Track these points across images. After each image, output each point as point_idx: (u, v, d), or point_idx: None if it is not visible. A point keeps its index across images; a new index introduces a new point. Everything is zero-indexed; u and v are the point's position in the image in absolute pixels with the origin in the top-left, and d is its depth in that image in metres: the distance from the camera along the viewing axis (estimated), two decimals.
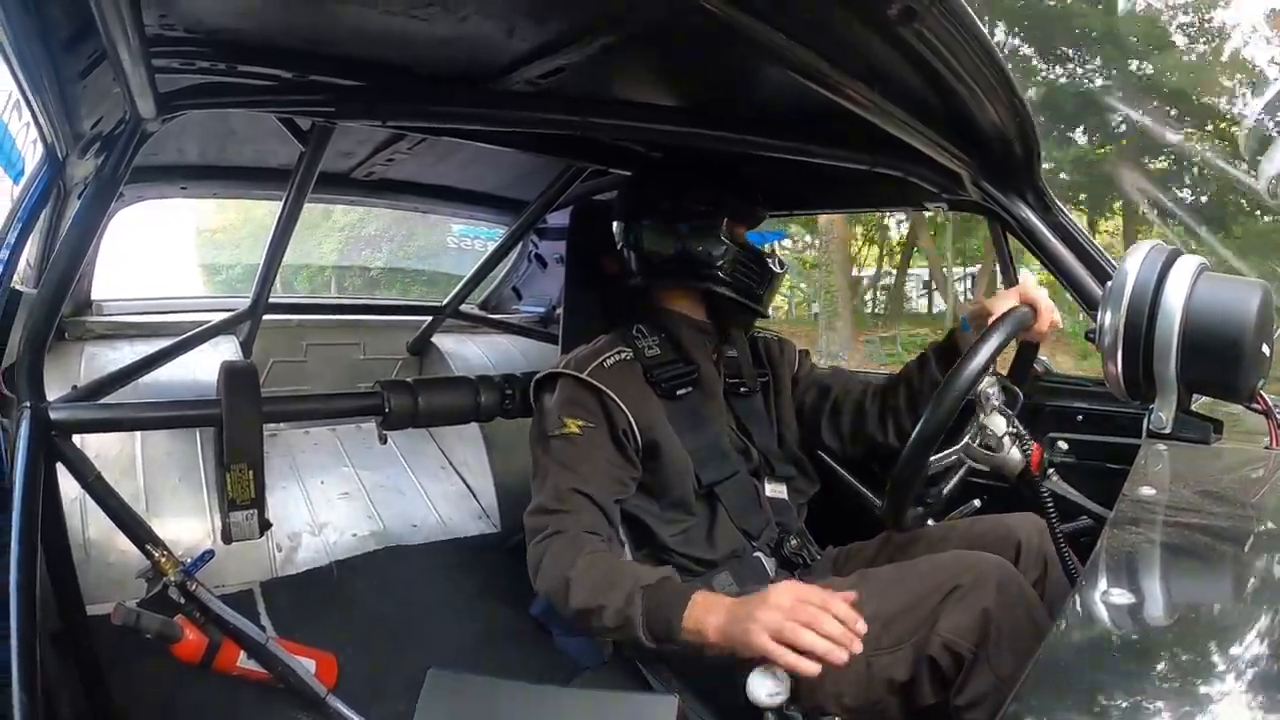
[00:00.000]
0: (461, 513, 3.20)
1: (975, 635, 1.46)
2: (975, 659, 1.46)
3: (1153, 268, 1.51)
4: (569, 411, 1.86)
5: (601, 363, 1.92)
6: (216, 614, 1.85)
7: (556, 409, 1.88)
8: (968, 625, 1.47)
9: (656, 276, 2.05)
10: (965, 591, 1.50)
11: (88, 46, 1.29)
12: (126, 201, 2.69)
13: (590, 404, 1.87)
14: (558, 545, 1.73)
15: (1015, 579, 1.52)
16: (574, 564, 1.67)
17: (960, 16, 1.24)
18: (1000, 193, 1.95)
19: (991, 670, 1.43)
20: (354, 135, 2.31)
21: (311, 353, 3.35)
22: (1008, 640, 1.44)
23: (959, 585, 1.51)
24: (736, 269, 1.98)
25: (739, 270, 1.99)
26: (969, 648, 1.46)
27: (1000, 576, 1.51)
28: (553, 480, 1.81)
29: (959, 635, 1.48)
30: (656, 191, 2.05)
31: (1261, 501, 1.32)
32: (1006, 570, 1.53)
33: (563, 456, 1.83)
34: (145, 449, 2.55)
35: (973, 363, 1.54)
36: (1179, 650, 0.84)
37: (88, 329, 2.82)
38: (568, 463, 1.82)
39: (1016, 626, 1.44)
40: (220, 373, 2.06)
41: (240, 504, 2.03)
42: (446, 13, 1.44)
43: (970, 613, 1.48)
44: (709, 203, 1.99)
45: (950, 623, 1.49)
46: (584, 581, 1.65)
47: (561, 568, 1.68)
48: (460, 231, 4.13)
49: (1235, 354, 1.45)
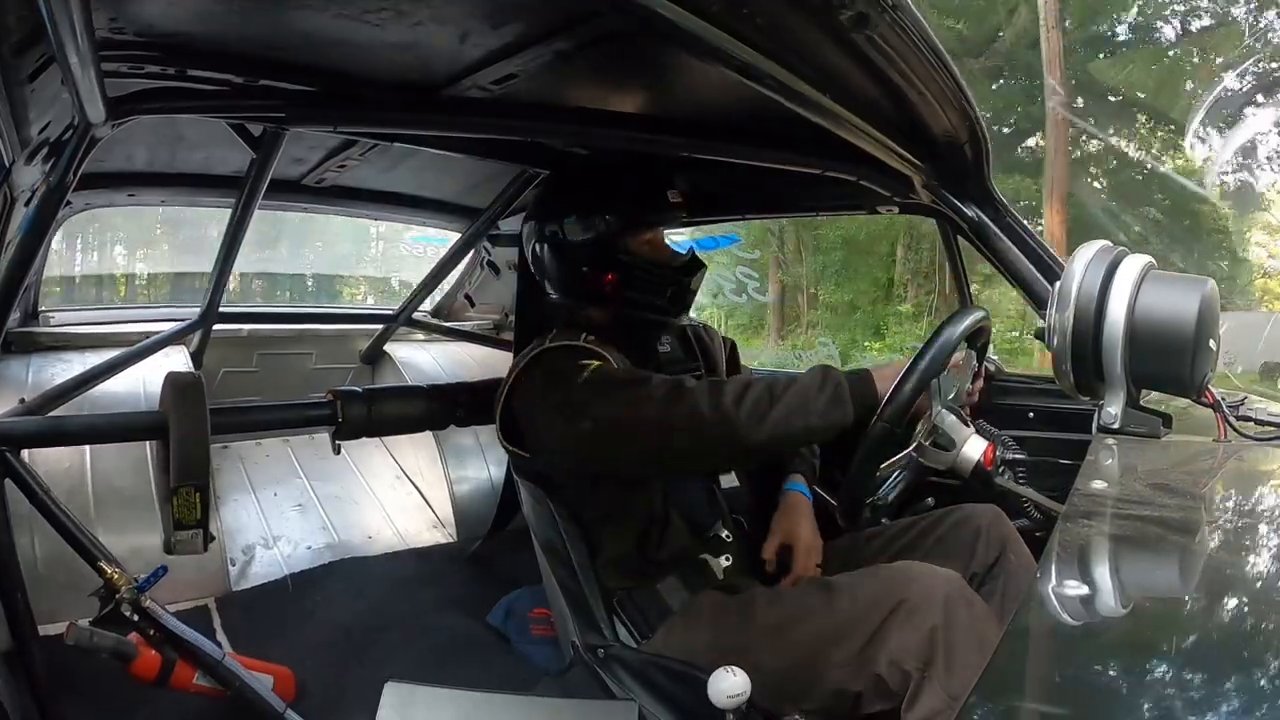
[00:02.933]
0: (417, 523, 3.18)
1: (922, 654, 1.46)
2: (923, 678, 1.46)
3: (1099, 267, 1.54)
4: (581, 357, 1.81)
5: (584, 336, 1.89)
6: (171, 631, 1.83)
7: (568, 364, 1.79)
8: (915, 644, 1.47)
9: (565, 292, 2.03)
10: (912, 609, 1.50)
11: (36, 50, 1.26)
12: (74, 209, 2.65)
13: (595, 355, 1.83)
14: (684, 399, 1.63)
15: (963, 593, 1.52)
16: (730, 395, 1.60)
17: (912, 22, 1.26)
18: (951, 195, 1.98)
19: (942, 688, 1.43)
20: (305, 141, 2.29)
21: (263, 362, 3.31)
22: (958, 657, 1.44)
23: (905, 600, 1.51)
24: (637, 284, 1.94)
25: (635, 284, 1.94)
26: (916, 666, 1.46)
27: (947, 591, 1.51)
28: (608, 396, 1.71)
29: (905, 654, 1.47)
30: (545, 209, 2.04)
31: (1211, 493, 1.35)
32: (954, 584, 1.53)
33: (602, 382, 1.74)
34: (96, 462, 2.50)
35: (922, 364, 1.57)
36: (1134, 643, 0.85)
37: (35, 340, 2.76)
38: (614, 379, 1.76)
39: (965, 643, 1.44)
40: (165, 385, 2.01)
41: (186, 524, 2.00)
42: (399, 18, 1.43)
43: (917, 631, 1.47)
44: (591, 217, 1.95)
45: (897, 640, 1.49)
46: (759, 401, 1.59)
47: (723, 401, 1.59)
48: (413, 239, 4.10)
49: (1182, 349, 1.48)
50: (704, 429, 1.61)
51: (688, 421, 1.61)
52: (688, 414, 1.61)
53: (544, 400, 1.81)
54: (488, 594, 2.63)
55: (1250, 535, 1.18)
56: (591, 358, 1.81)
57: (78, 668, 1.85)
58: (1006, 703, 0.73)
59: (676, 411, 1.61)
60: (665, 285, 1.96)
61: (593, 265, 1.95)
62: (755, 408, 1.58)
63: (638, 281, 1.94)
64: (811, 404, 1.58)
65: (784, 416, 1.58)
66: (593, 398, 1.71)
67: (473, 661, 2.30)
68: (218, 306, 2.75)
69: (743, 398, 1.59)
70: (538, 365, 1.86)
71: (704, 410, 1.59)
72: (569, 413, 1.73)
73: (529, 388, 1.86)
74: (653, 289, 1.95)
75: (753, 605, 1.71)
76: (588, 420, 1.70)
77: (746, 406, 1.58)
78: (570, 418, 1.73)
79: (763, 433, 1.58)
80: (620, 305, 1.95)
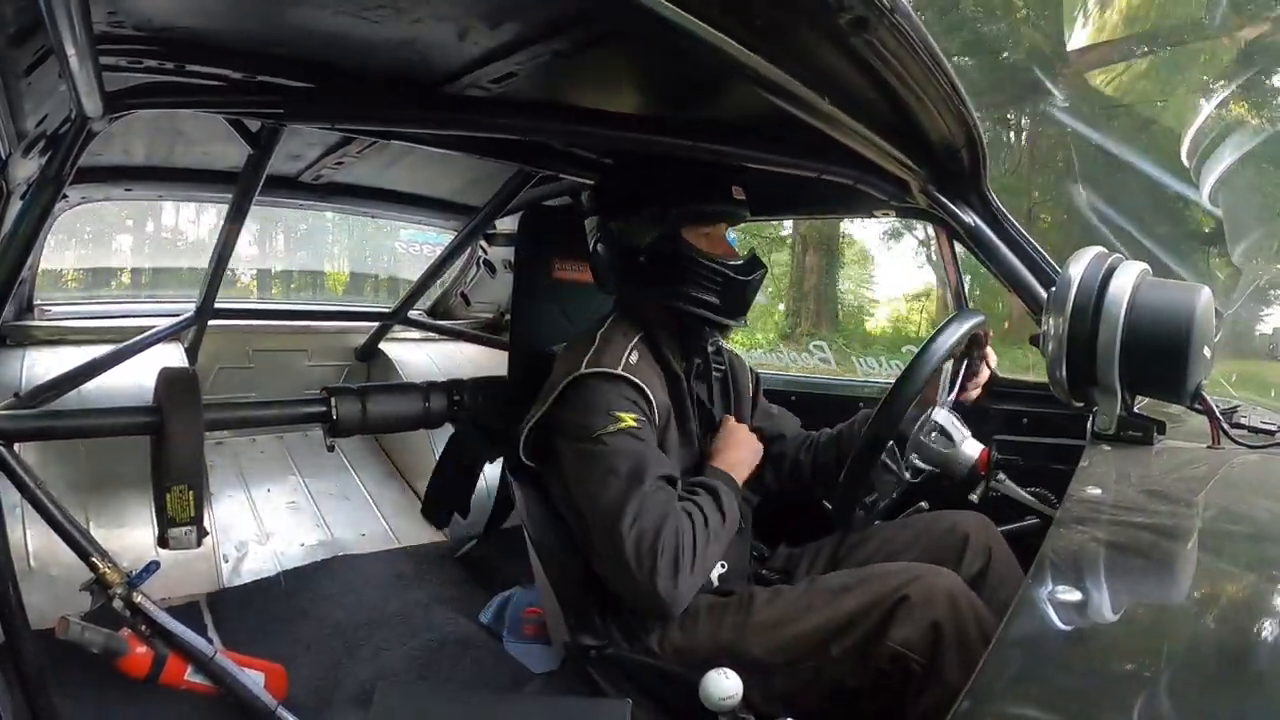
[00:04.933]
0: (410, 521, 3.17)
1: (926, 648, 1.47)
2: (926, 673, 1.47)
3: (1095, 273, 1.54)
4: (620, 406, 1.78)
5: (628, 358, 1.86)
6: (162, 627, 1.82)
7: (604, 406, 1.77)
8: (918, 637, 1.48)
9: (622, 284, 2.01)
10: (915, 603, 1.50)
11: (34, 43, 1.27)
12: (70, 203, 2.64)
13: (635, 397, 1.80)
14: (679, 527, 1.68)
15: (964, 591, 1.53)
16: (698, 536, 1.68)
17: (910, 26, 1.26)
18: (948, 200, 1.98)
19: (944, 684, 1.44)
20: (303, 138, 2.29)
21: (257, 359, 3.31)
22: (959, 652, 1.44)
23: (907, 596, 1.51)
24: (691, 279, 1.91)
25: (694, 280, 1.91)
26: (919, 661, 1.47)
27: (950, 587, 1.51)
28: (625, 471, 1.71)
29: (909, 648, 1.48)
30: (611, 199, 2.02)
31: (1204, 499, 1.35)
32: (955, 582, 1.54)
33: (627, 448, 1.74)
34: (89, 456, 2.49)
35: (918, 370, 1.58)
36: (1125, 647, 0.86)
37: (30, 334, 2.76)
38: (635, 453, 1.74)
39: (968, 639, 1.45)
40: (159, 380, 2.01)
41: (179, 521, 1.99)
42: (398, 15, 1.43)
43: (920, 625, 1.48)
44: (654, 208, 1.93)
45: (901, 634, 1.50)
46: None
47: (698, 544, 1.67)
48: (408, 236, 4.10)
49: (1177, 356, 1.49)
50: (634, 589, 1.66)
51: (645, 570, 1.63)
52: (650, 568, 1.63)
53: (566, 441, 1.82)
54: (480, 593, 2.63)
55: (1243, 542, 1.19)
56: (625, 404, 1.79)
57: (69, 663, 1.85)
58: (1002, 703, 0.74)
59: (641, 562, 1.63)
60: (724, 283, 1.92)
61: (650, 255, 1.93)
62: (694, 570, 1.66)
63: (692, 275, 1.91)
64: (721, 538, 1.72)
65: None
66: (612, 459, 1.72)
67: (464, 660, 2.30)
68: (213, 302, 2.75)
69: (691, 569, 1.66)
70: (575, 393, 1.84)
71: (660, 581, 1.62)
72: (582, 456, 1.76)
73: (561, 419, 1.85)
74: (706, 284, 1.91)
75: (751, 604, 1.71)
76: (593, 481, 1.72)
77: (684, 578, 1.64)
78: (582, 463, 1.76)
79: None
80: (676, 299, 1.92)
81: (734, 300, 1.94)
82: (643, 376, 1.82)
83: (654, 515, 1.63)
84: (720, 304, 1.92)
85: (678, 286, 1.90)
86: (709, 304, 1.91)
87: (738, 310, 1.96)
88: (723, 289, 1.91)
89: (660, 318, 1.95)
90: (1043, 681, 0.78)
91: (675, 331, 1.96)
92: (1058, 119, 10.38)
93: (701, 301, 1.91)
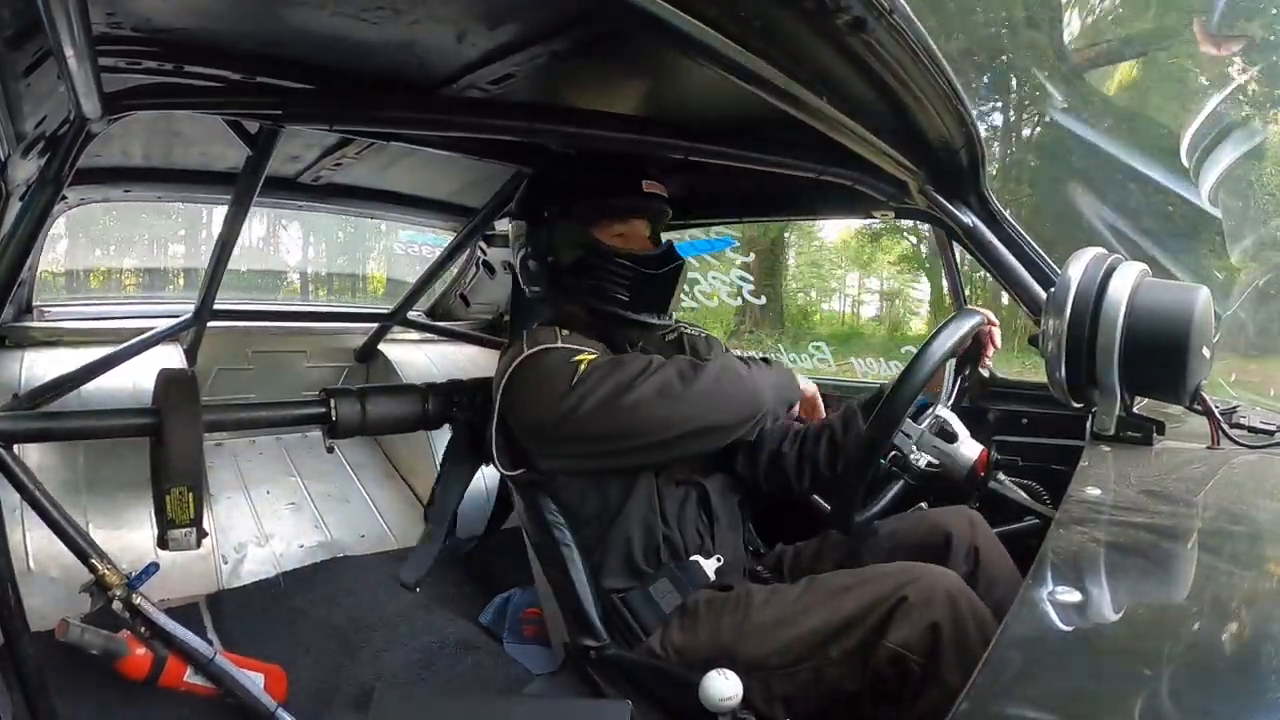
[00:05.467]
0: (409, 522, 3.16)
1: (925, 649, 1.46)
2: (925, 674, 1.46)
3: (1095, 274, 1.54)
4: (574, 354, 1.81)
5: (560, 333, 1.89)
6: (162, 628, 1.82)
7: (560, 359, 1.81)
8: (917, 639, 1.47)
9: (545, 288, 2.04)
10: (914, 604, 1.49)
11: (32, 44, 1.27)
12: (69, 204, 2.64)
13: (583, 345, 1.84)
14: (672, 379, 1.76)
15: (964, 591, 1.52)
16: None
17: (909, 26, 1.26)
18: (946, 200, 1.98)
19: (943, 685, 1.43)
20: (302, 139, 2.29)
21: (257, 360, 3.30)
22: (958, 654, 1.44)
23: (906, 597, 1.51)
24: (601, 275, 1.94)
25: (604, 277, 1.94)
26: (918, 661, 1.47)
27: (949, 588, 1.51)
28: (613, 376, 1.75)
29: (907, 649, 1.48)
30: (524, 204, 2.07)
31: (1204, 500, 1.35)
32: (955, 582, 1.53)
33: (605, 365, 1.79)
34: (88, 458, 2.49)
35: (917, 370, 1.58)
36: (1125, 648, 0.86)
37: (29, 335, 2.75)
38: (613, 363, 1.80)
39: (967, 640, 1.44)
40: (158, 382, 2.01)
41: (179, 523, 1.99)
42: (397, 16, 1.43)
43: (919, 626, 1.47)
44: (558, 207, 1.97)
45: (899, 635, 1.49)
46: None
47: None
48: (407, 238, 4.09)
49: (1177, 357, 1.49)
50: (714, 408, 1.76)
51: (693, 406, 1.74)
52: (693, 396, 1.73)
53: (541, 399, 1.81)
54: (479, 594, 2.62)
55: (1242, 543, 1.19)
56: (579, 353, 1.81)
57: (68, 665, 1.85)
58: (1002, 704, 0.74)
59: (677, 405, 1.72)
60: (631, 278, 1.94)
61: (561, 255, 1.96)
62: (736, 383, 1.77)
63: (600, 272, 1.93)
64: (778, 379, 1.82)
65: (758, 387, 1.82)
66: (591, 387, 1.73)
67: (464, 661, 2.29)
68: (212, 303, 2.74)
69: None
70: (527, 369, 1.86)
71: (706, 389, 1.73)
72: (574, 403, 1.75)
73: (524, 392, 1.86)
74: (617, 281, 1.93)
75: (749, 603, 1.71)
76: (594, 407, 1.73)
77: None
78: (575, 408, 1.75)
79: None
80: (588, 297, 1.95)
81: (647, 295, 1.96)
82: (581, 344, 1.86)
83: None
84: (631, 300, 1.94)
85: (589, 283, 1.94)
86: (620, 300, 1.94)
87: (653, 305, 1.99)
88: (633, 284, 1.93)
89: (580, 317, 1.98)
90: (1043, 683, 0.78)
91: (598, 331, 1.97)
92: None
93: (613, 299, 1.93)
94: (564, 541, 1.90)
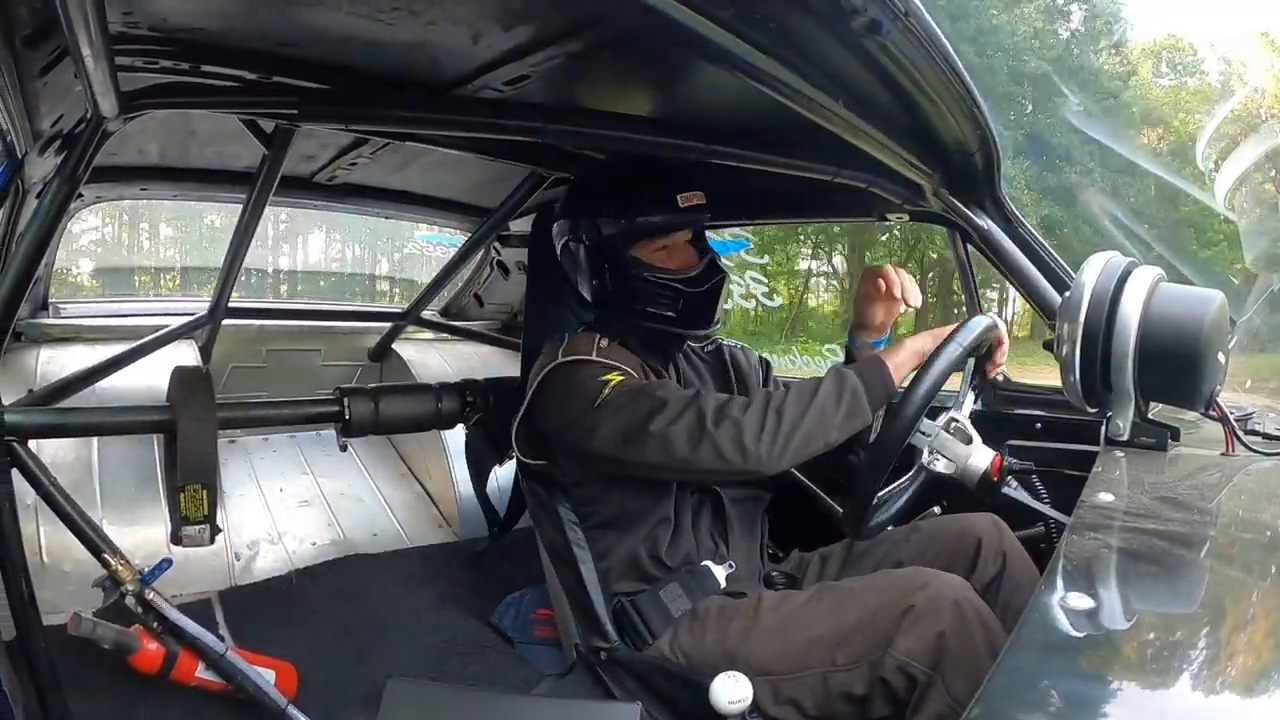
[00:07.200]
0: (422, 521, 3.17)
1: (930, 658, 1.46)
2: (930, 682, 1.46)
3: (1110, 278, 1.54)
4: (605, 371, 1.80)
5: (599, 344, 1.88)
6: (174, 624, 1.83)
7: (589, 375, 1.80)
8: (922, 648, 1.47)
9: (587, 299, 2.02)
10: (920, 613, 1.49)
11: (50, 43, 1.28)
12: (85, 201, 2.66)
13: (615, 364, 1.83)
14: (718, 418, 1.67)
15: (971, 600, 1.51)
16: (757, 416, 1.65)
17: (925, 29, 1.25)
18: (961, 203, 1.97)
19: (947, 693, 1.43)
20: (317, 139, 2.29)
21: (271, 358, 3.31)
22: (963, 663, 1.43)
23: (913, 605, 1.50)
24: (646, 297, 1.92)
25: (650, 298, 1.92)
26: (923, 670, 1.47)
27: (956, 596, 1.50)
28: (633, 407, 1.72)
29: (913, 657, 1.48)
30: (569, 211, 2.03)
31: (1218, 507, 1.34)
32: (962, 590, 1.53)
33: (631, 388, 1.77)
34: (102, 454, 2.50)
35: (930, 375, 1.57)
36: (1138, 656, 0.85)
37: (45, 331, 2.76)
38: (638, 391, 1.76)
39: (972, 649, 1.44)
40: (172, 379, 2.02)
41: (193, 520, 2.00)
42: (412, 17, 1.43)
43: (925, 636, 1.47)
44: (605, 222, 1.94)
45: (905, 644, 1.49)
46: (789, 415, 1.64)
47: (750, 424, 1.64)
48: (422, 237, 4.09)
49: (1192, 362, 1.48)
50: (727, 467, 1.65)
51: (711, 461, 1.64)
52: (712, 454, 1.63)
53: (564, 412, 1.82)
54: (491, 594, 2.62)
55: (1256, 550, 1.18)
56: (610, 371, 1.80)
57: (80, 659, 1.86)
58: (1013, 711, 0.73)
59: (700, 454, 1.64)
60: (675, 297, 1.93)
61: (605, 274, 1.94)
62: (774, 440, 1.62)
63: (645, 293, 1.92)
64: (830, 419, 1.64)
65: (803, 443, 1.64)
66: (618, 408, 1.73)
67: (475, 661, 2.30)
68: (227, 301, 2.76)
69: (763, 429, 1.62)
70: (557, 378, 1.86)
71: (727, 453, 1.63)
72: (591, 424, 1.75)
73: (551, 400, 1.86)
74: (662, 301, 1.92)
75: (759, 608, 1.71)
76: (610, 433, 1.72)
77: (766, 441, 1.62)
78: (592, 429, 1.75)
79: (784, 462, 1.64)
80: (633, 317, 1.94)
81: (693, 312, 1.95)
82: (617, 358, 1.85)
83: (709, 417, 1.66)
84: (679, 317, 1.93)
85: (633, 304, 1.93)
86: (669, 319, 1.93)
87: (700, 321, 1.98)
88: (679, 303, 1.92)
89: (622, 328, 1.97)
90: (1054, 689, 0.77)
91: (647, 342, 1.98)
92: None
93: (662, 318, 1.93)
94: (576, 542, 1.90)
